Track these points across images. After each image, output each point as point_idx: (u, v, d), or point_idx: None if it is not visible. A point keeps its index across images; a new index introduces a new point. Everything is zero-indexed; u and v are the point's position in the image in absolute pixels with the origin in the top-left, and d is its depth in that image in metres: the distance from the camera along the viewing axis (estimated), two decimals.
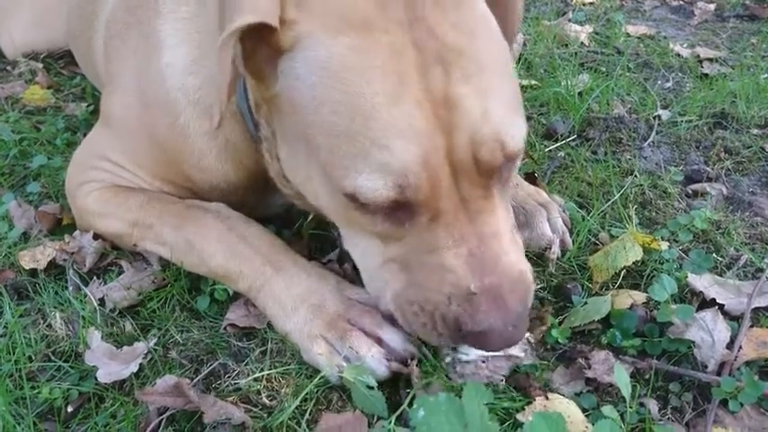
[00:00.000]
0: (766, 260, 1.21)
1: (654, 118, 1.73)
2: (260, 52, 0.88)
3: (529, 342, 1.02)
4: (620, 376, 0.90)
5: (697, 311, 1.04)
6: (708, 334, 1.00)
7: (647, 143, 1.62)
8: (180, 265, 1.17)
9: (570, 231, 1.25)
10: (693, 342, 1.00)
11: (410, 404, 0.91)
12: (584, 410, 0.92)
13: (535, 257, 1.21)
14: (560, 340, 1.05)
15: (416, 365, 0.95)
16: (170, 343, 1.09)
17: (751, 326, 1.04)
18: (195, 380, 1.01)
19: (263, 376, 0.99)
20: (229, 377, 1.01)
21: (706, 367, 0.98)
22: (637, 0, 2.73)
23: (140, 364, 1.03)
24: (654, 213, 1.35)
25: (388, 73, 0.80)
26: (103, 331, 1.10)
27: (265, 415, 0.95)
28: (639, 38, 2.32)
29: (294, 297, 1.04)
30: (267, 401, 0.97)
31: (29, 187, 1.51)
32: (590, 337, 1.07)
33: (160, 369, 1.03)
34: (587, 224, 1.28)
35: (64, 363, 1.06)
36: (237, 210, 1.18)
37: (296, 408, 0.94)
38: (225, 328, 1.10)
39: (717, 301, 1.08)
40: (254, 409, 0.96)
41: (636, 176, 1.47)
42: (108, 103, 1.29)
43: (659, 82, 1.97)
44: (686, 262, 1.19)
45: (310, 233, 1.25)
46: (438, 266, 0.86)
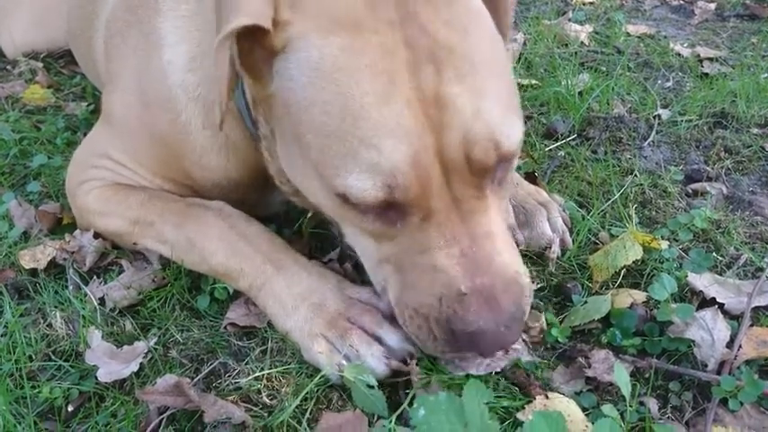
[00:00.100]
0: (766, 259, 1.21)
1: (654, 117, 1.73)
2: (256, 52, 0.88)
3: (524, 341, 1.02)
4: (620, 375, 0.90)
5: (697, 310, 1.04)
6: (708, 333, 1.00)
7: (648, 142, 1.62)
8: (180, 264, 1.17)
9: (570, 230, 1.26)
10: (693, 341, 1.00)
11: (410, 403, 0.91)
12: (584, 409, 0.92)
13: (535, 257, 1.21)
14: (560, 339, 1.05)
15: (416, 364, 0.95)
16: (170, 342, 1.09)
17: (751, 325, 1.04)
18: (195, 379, 1.01)
19: (264, 375, 0.99)
20: (230, 376, 1.01)
21: (706, 366, 0.98)
22: None
23: (141, 364, 1.03)
24: (654, 212, 1.35)
25: (378, 73, 0.80)
26: (104, 330, 1.10)
27: (266, 414, 0.95)
28: (640, 37, 2.32)
29: (294, 296, 1.04)
30: (267, 401, 0.97)
31: (29, 187, 1.51)
32: (590, 337, 1.07)
33: (160, 368, 1.03)
34: (587, 223, 1.28)
35: (64, 362, 1.06)
36: (238, 208, 1.18)
37: (296, 407, 0.94)
38: (225, 327, 1.10)
39: (717, 301, 1.08)
40: (254, 409, 0.96)
41: (636, 176, 1.47)
42: (109, 102, 1.29)
43: (659, 81, 1.97)
44: (686, 261, 1.19)
45: (311, 232, 1.25)
46: (429, 267, 0.86)
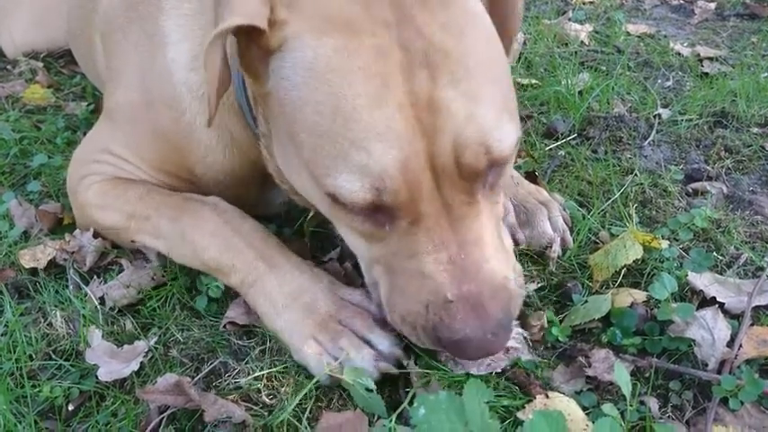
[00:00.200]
0: (766, 259, 1.21)
1: (654, 117, 1.73)
2: (253, 51, 0.88)
3: (525, 339, 1.02)
4: (620, 374, 0.90)
5: (697, 310, 1.04)
6: (708, 332, 1.00)
7: (648, 142, 1.62)
8: (175, 259, 1.16)
9: (571, 230, 1.26)
10: (694, 340, 1.00)
11: (410, 402, 0.91)
12: (584, 409, 0.92)
13: (536, 255, 1.22)
14: (561, 339, 1.05)
15: (414, 363, 0.95)
16: (170, 341, 1.09)
17: (751, 324, 1.04)
18: (196, 378, 1.01)
19: (264, 375, 0.99)
20: (230, 376, 1.01)
21: (706, 365, 0.98)
22: None
23: (141, 363, 1.03)
24: (654, 212, 1.35)
25: (372, 75, 0.80)
26: (104, 330, 1.10)
27: (266, 413, 0.95)
28: (640, 37, 2.32)
29: (286, 294, 1.03)
30: (267, 400, 0.97)
31: (29, 186, 1.51)
32: (590, 336, 1.07)
33: (161, 368, 1.03)
34: (588, 223, 1.28)
35: (65, 361, 1.06)
36: (238, 206, 1.18)
37: (296, 406, 0.94)
38: (224, 326, 1.10)
39: (717, 300, 1.08)
40: (254, 408, 0.96)
41: (636, 175, 1.47)
42: (110, 99, 1.29)
43: (659, 81, 1.97)
44: (686, 260, 1.19)
45: (311, 231, 1.25)
46: (417, 272, 0.86)
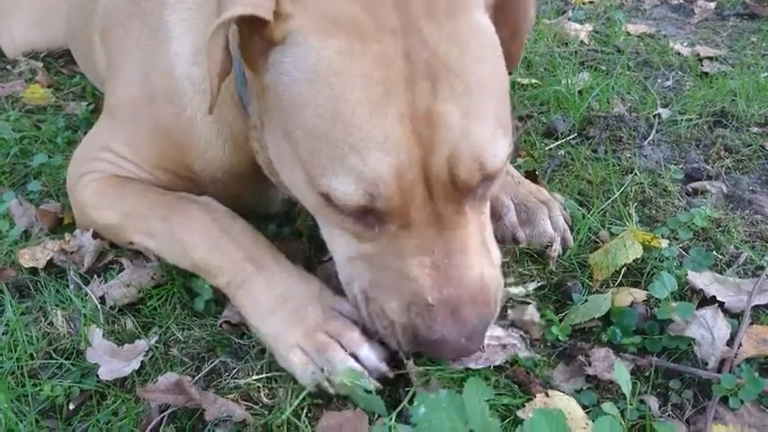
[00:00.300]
0: (766, 258, 1.21)
1: (654, 116, 1.73)
2: (255, 42, 0.88)
3: (522, 337, 1.02)
4: (620, 373, 0.90)
5: (697, 309, 1.04)
6: (708, 331, 1.01)
7: (648, 141, 1.62)
8: (166, 259, 1.15)
9: (571, 229, 1.26)
10: (694, 339, 1.00)
11: (410, 401, 0.91)
12: (584, 407, 0.92)
13: (536, 255, 1.22)
14: (561, 337, 1.05)
15: (414, 362, 0.95)
16: (171, 340, 1.09)
17: (751, 323, 1.04)
18: (196, 377, 1.01)
19: (264, 374, 1.00)
20: (229, 375, 1.01)
21: (706, 364, 0.98)
22: None
23: (142, 362, 1.03)
24: (654, 211, 1.35)
25: (374, 82, 0.79)
26: (105, 329, 1.10)
27: (266, 412, 0.95)
28: (639, 36, 2.32)
29: (273, 298, 1.02)
30: (267, 399, 0.97)
31: (29, 186, 1.51)
32: (590, 335, 1.07)
33: (161, 367, 1.03)
34: (588, 222, 1.28)
35: (65, 360, 1.06)
36: (238, 205, 1.18)
37: (296, 405, 0.94)
38: (221, 326, 1.10)
39: (717, 299, 1.08)
40: (254, 407, 0.96)
41: (636, 175, 1.47)
42: (111, 96, 1.29)
43: (659, 80, 1.97)
44: (686, 260, 1.19)
45: (310, 234, 1.25)
46: (402, 274, 0.87)
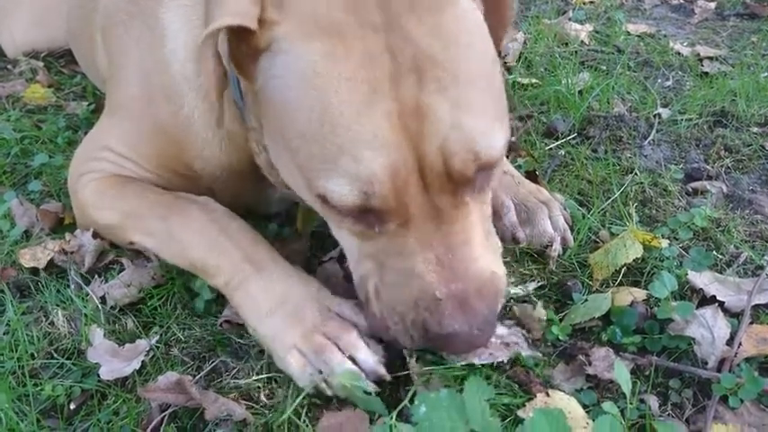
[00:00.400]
0: (766, 258, 1.21)
1: (654, 116, 1.73)
2: (243, 49, 0.88)
3: (524, 336, 1.02)
4: (620, 373, 0.90)
5: (697, 308, 1.04)
6: (708, 331, 1.01)
7: (648, 141, 1.62)
8: (165, 258, 1.15)
9: (571, 229, 1.26)
10: (693, 339, 1.00)
11: (411, 401, 0.91)
12: (584, 407, 0.92)
13: (536, 254, 1.22)
14: (561, 337, 1.05)
15: (416, 360, 0.95)
16: (172, 340, 1.09)
17: (751, 323, 1.04)
18: (197, 377, 1.01)
19: (264, 373, 1.00)
20: (229, 375, 1.02)
21: (706, 364, 0.99)
22: None
23: (142, 362, 1.03)
24: (654, 211, 1.36)
25: (359, 81, 0.79)
26: (105, 329, 1.10)
27: (267, 412, 0.95)
28: (640, 36, 2.32)
29: (271, 300, 1.02)
30: (268, 399, 0.97)
31: (30, 186, 1.51)
32: (590, 334, 1.07)
33: (162, 366, 1.04)
34: (588, 222, 1.28)
35: (66, 360, 1.06)
36: (237, 203, 1.18)
37: (296, 405, 0.94)
38: (221, 325, 1.10)
39: (717, 299, 1.08)
40: (255, 406, 0.96)
41: (636, 174, 1.47)
42: (112, 96, 1.29)
43: (659, 80, 1.97)
44: (686, 259, 1.19)
45: (310, 234, 1.25)
46: (407, 272, 0.87)
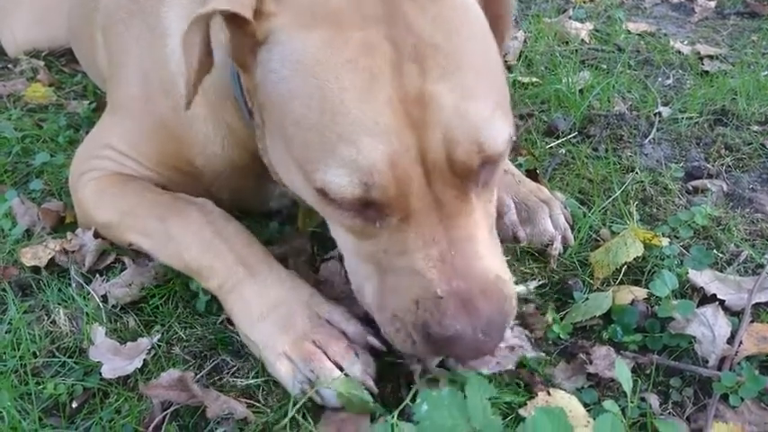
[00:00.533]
0: (766, 256, 1.21)
1: (654, 115, 1.73)
2: (240, 40, 0.87)
3: (527, 337, 1.02)
4: (621, 371, 0.90)
5: (698, 307, 1.04)
6: (708, 329, 1.01)
7: (648, 140, 1.62)
8: (161, 259, 1.15)
9: (571, 228, 1.26)
10: (694, 337, 1.01)
11: (413, 399, 0.91)
12: (585, 405, 0.93)
13: (537, 253, 1.22)
14: (562, 336, 1.05)
15: (417, 361, 0.95)
16: (173, 339, 1.09)
17: (751, 321, 1.04)
18: (198, 375, 1.01)
19: (265, 372, 1.00)
20: (229, 373, 1.02)
21: (707, 362, 0.99)
22: None
23: (144, 360, 1.03)
24: (655, 210, 1.36)
25: (360, 69, 0.78)
26: (107, 327, 1.10)
27: (267, 410, 0.95)
28: (640, 35, 2.32)
29: (263, 304, 1.01)
30: (269, 397, 0.97)
31: (31, 185, 1.51)
32: (591, 333, 1.07)
33: (164, 365, 1.04)
34: (588, 220, 1.28)
35: (68, 359, 1.06)
36: (240, 199, 1.17)
37: (299, 406, 0.94)
38: (221, 323, 1.10)
39: (717, 297, 1.08)
40: (256, 405, 0.96)
41: (637, 173, 1.47)
42: (113, 94, 1.29)
43: (660, 79, 1.97)
44: (687, 258, 1.19)
45: (311, 232, 1.25)
46: (408, 269, 0.84)
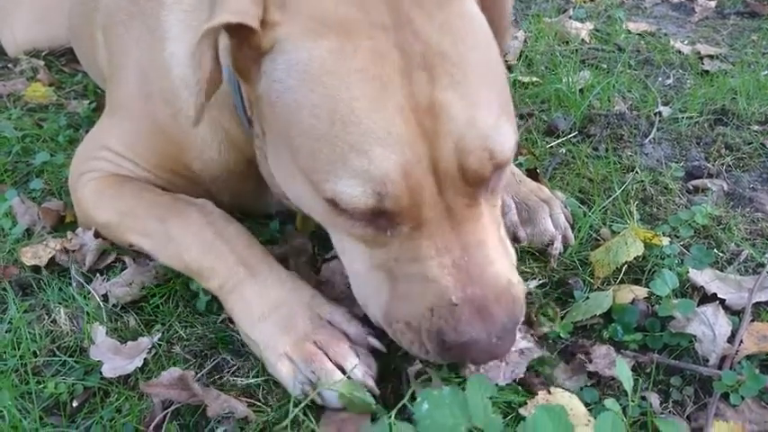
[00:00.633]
0: (767, 255, 1.21)
1: (655, 114, 1.73)
2: (244, 51, 0.86)
3: (532, 336, 1.02)
4: (621, 370, 0.90)
5: (698, 306, 1.05)
6: (709, 328, 1.01)
7: (648, 140, 1.62)
8: (161, 260, 1.15)
9: (572, 227, 1.26)
10: (695, 336, 1.01)
11: (410, 399, 0.90)
12: (586, 404, 0.93)
13: (537, 253, 1.22)
14: (562, 335, 1.05)
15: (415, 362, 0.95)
16: (174, 338, 1.09)
17: (752, 320, 1.04)
18: (199, 374, 1.01)
19: (265, 372, 1.00)
20: (231, 372, 1.02)
21: (707, 361, 0.99)
22: None
23: (145, 359, 1.03)
24: (655, 209, 1.36)
25: (370, 78, 0.78)
26: (108, 327, 1.10)
27: (268, 409, 0.95)
28: (640, 35, 2.32)
29: (264, 305, 1.01)
30: (269, 397, 0.97)
31: (32, 184, 1.51)
32: (592, 332, 1.07)
33: (164, 364, 1.04)
34: (589, 220, 1.28)
35: (69, 358, 1.06)
36: (240, 203, 1.17)
37: (297, 403, 0.94)
38: (222, 322, 1.10)
39: (718, 296, 1.08)
40: (256, 404, 0.96)
41: (637, 173, 1.47)
42: (112, 96, 1.29)
43: (660, 79, 1.97)
44: (687, 257, 1.19)
45: (312, 232, 1.25)
46: (421, 277, 0.84)
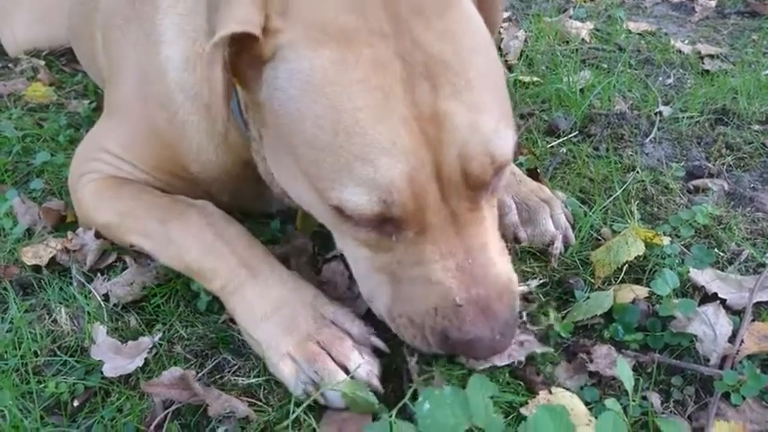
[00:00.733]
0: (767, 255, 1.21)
1: (655, 114, 1.73)
2: (244, 58, 0.86)
3: (534, 334, 1.02)
4: (622, 370, 0.90)
5: (699, 306, 1.05)
6: (710, 328, 1.01)
7: (649, 139, 1.62)
8: (162, 261, 1.15)
9: (573, 227, 1.26)
10: (695, 336, 1.01)
11: (411, 398, 0.90)
12: (587, 404, 0.93)
13: (538, 253, 1.22)
14: (563, 334, 1.05)
15: (416, 361, 0.95)
16: (175, 338, 1.09)
17: (753, 320, 1.04)
18: (200, 374, 1.01)
19: (266, 371, 1.00)
20: (232, 372, 1.02)
21: (708, 361, 0.99)
22: None
23: (145, 359, 1.04)
24: (656, 209, 1.36)
25: (372, 88, 0.78)
26: (108, 326, 1.10)
27: (269, 409, 0.95)
28: (641, 34, 2.32)
29: (266, 305, 1.01)
30: (270, 396, 0.97)
31: (32, 184, 1.51)
32: (592, 332, 1.07)
33: (165, 363, 1.04)
34: (589, 220, 1.28)
35: (70, 357, 1.06)
36: (239, 203, 1.17)
37: (298, 402, 0.94)
38: (223, 322, 1.10)
39: (719, 296, 1.08)
40: (257, 404, 0.96)
41: (637, 172, 1.47)
42: (109, 98, 1.29)
43: (660, 78, 1.97)
44: (688, 257, 1.19)
45: (312, 232, 1.25)
46: (424, 280, 0.86)
